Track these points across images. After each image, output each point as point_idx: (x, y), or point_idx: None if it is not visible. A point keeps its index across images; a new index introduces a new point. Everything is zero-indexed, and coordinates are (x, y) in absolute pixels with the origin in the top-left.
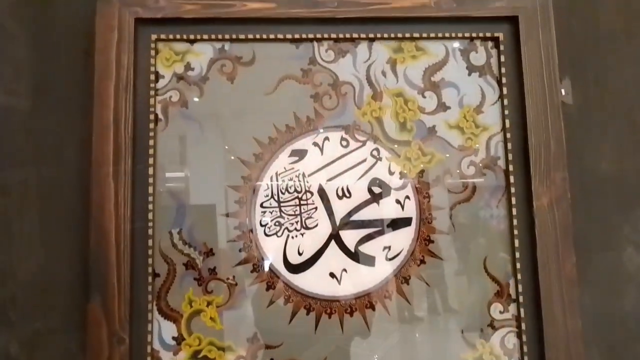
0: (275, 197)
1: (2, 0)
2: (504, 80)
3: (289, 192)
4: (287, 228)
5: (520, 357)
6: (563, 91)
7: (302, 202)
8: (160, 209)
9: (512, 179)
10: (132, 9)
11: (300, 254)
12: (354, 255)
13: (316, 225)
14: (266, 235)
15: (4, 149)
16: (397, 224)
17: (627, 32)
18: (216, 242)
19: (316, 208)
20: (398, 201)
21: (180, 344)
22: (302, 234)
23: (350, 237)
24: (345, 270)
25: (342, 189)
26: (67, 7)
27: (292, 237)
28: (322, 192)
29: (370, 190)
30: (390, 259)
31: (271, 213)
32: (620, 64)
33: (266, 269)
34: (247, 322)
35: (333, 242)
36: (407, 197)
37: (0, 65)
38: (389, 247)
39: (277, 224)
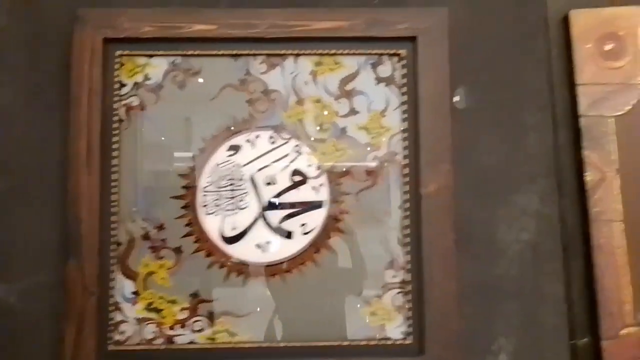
0: (215, 184)
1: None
2: (404, 89)
3: (226, 180)
4: (223, 208)
5: (407, 311)
6: (458, 97)
7: (236, 188)
8: (123, 193)
9: (407, 170)
10: (101, 31)
11: (233, 229)
12: (277, 230)
13: (247, 207)
14: (207, 214)
15: (6, 142)
16: (313, 205)
17: (518, 48)
18: (167, 219)
19: (247, 192)
20: (314, 187)
21: (137, 298)
22: (236, 213)
23: (274, 216)
24: (269, 242)
25: (269, 177)
26: (53, 29)
27: (228, 216)
28: (252, 180)
29: (291, 179)
30: (306, 234)
31: (211, 196)
32: (510, 75)
33: (206, 240)
34: (190, 282)
35: (260, 220)
36: (322, 184)
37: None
38: (305, 224)
39: (215, 205)
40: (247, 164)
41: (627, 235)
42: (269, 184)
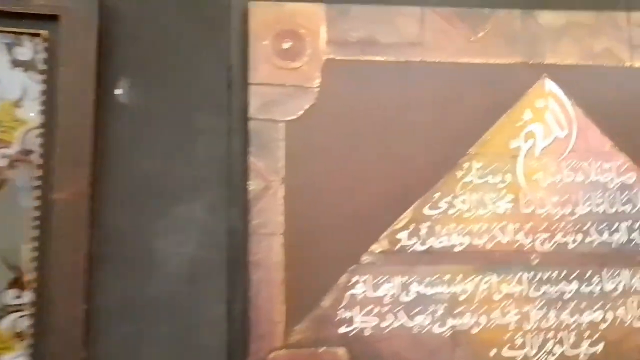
0: None
1: None
2: (45, 77)
3: None
4: None
5: (29, 338)
6: (120, 91)
7: None
8: None
9: (42, 172)
10: None
11: None
12: None
13: None
14: None
15: None
16: None
17: (195, 41)
18: None
19: None
20: None
21: None
22: None
23: None
24: None
25: None
26: None
27: None
28: None
29: None
30: None
31: None
32: (184, 71)
33: None
34: None
35: None
36: None
37: None
38: None
39: None
40: None
41: (286, 250)
42: None
